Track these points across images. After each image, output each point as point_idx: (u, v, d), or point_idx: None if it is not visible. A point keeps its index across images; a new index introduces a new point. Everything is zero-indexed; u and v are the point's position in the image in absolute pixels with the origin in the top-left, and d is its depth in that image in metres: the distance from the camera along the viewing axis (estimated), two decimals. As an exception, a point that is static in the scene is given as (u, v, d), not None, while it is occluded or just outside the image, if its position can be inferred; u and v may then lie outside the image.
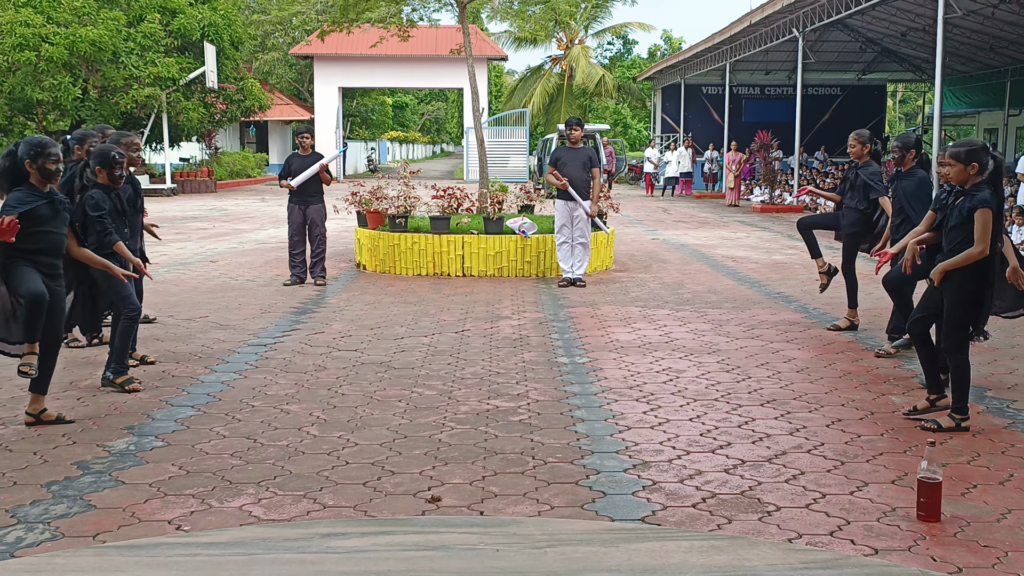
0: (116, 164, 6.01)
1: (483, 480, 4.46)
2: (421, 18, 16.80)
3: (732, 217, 21.47)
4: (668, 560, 1.81)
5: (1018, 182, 16.10)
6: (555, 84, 43.30)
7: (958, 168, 5.23)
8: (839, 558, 1.93)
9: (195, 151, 36.24)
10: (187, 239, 15.68)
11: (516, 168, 34.50)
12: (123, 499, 4.20)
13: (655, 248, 14.87)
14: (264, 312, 9.00)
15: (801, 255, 13.98)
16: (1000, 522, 3.99)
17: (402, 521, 2.18)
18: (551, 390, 6.14)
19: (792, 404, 5.83)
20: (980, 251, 5.06)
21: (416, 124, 76.90)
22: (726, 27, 25.60)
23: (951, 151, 5.30)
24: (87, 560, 1.83)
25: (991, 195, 5.13)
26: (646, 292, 10.37)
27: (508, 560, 1.80)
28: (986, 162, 5.18)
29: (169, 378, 6.42)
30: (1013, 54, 26.21)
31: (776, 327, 8.36)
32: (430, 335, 7.91)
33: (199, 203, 24.97)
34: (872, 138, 7.84)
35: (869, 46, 30.08)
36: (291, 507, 4.12)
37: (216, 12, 27.65)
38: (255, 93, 30.15)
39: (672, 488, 4.37)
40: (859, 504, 4.18)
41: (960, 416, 5.27)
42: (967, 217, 5.14)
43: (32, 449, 4.89)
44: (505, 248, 11.48)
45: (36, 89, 23.96)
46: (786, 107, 30.31)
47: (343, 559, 1.80)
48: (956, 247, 5.21)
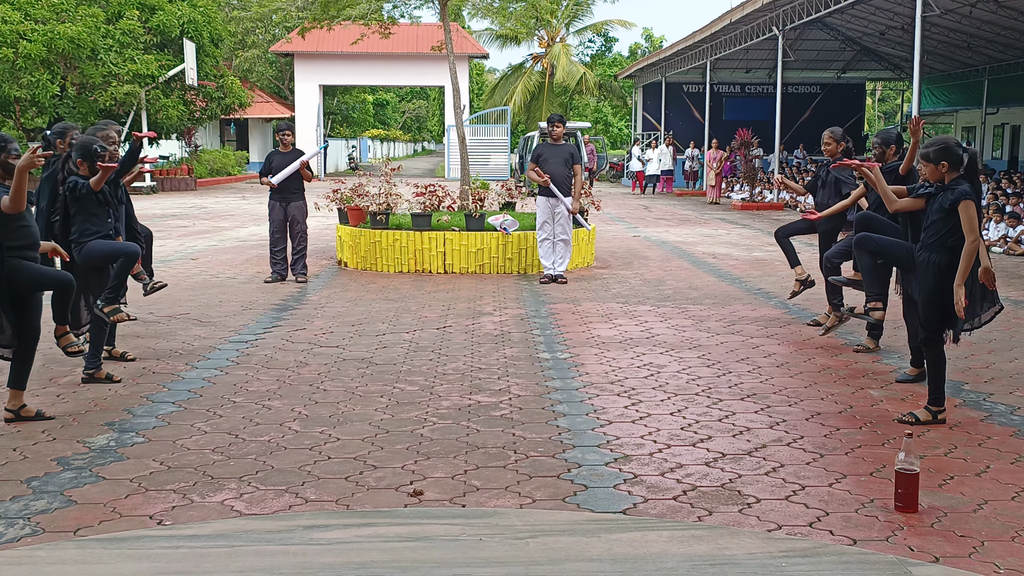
0: (98, 156, 5.99)
1: (465, 474, 4.47)
2: (402, 15, 16.76)
3: (713, 214, 21.56)
4: (649, 550, 1.83)
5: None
6: (536, 82, 43.33)
7: (930, 167, 5.32)
8: (817, 547, 1.96)
9: (175, 149, 36.02)
10: (167, 237, 15.59)
11: (497, 166, 34.52)
12: (104, 495, 4.19)
13: (636, 245, 14.92)
14: (245, 309, 8.97)
15: (782, 252, 14.05)
16: (976, 512, 4.03)
17: (384, 513, 2.19)
18: (533, 385, 6.16)
19: (772, 398, 5.87)
20: (973, 241, 5.12)
21: (397, 122, 76.67)
22: (706, 25, 25.69)
23: (921, 152, 5.39)
24: (69, 553, 1.83)
25: (970, 188, 5.20)
26: (627, 289, 10.40)
27: (490, 550, 1.82)
28: (959, 157, 5.25)
29: (150, 375, 6.40)
30: (991, 53, 26.44)
31: (756, 323, 8.41)
32: (411, 331, 7.91)
33: (179, 201, 24.83)
34: (845, 135, 7.90)
35: (848, 45, 30.29)
36: (273, 501, 4.12)
37: (196, 9, 27.49)
38: (235, 91, 30.01)
39: (653, 481, 4.40)
40: (838, 496, 4.22)
41: (936, 408, 5.32)
42: (948, 211, 5.20)
43: (12, 446, 4.86)
44: (487, 245, 11.49)
45: (13, 86, 23.76)
46: (766, 105, 30.48)
47: (325, 550, 1.81)
48: (937, 240, 5.26)
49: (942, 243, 5.24)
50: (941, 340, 5.36)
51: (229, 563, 1.75)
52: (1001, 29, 23.11)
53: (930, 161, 5.29)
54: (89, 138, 6.15)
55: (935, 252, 5.27)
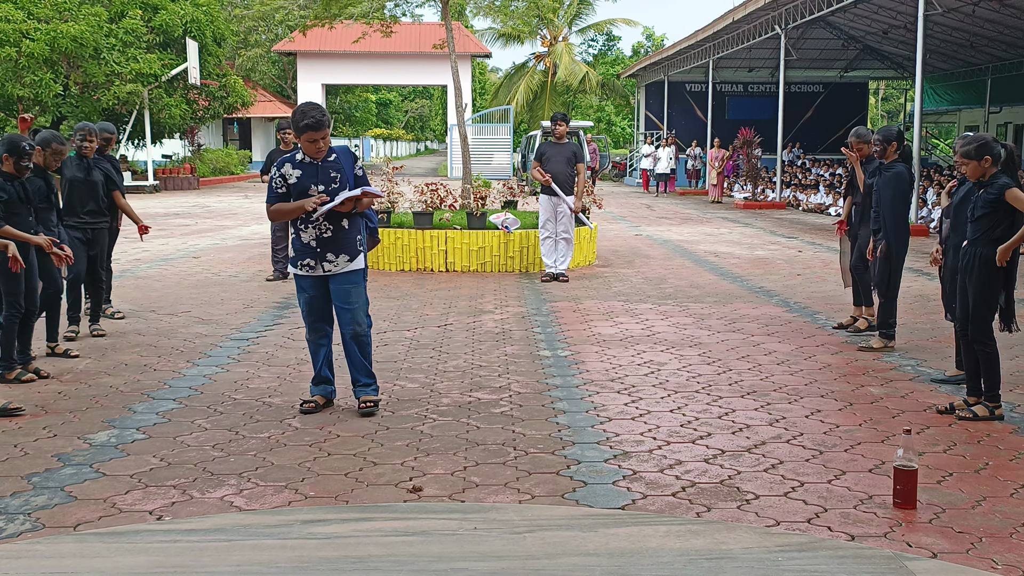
0: (24, 155, 6.01)
1: (464, 471, 4.48)
2: (404, 14, 16.76)
3: (715, 213, 21.55)
4: (646, 544, 1.83)
5: None
6: (539, 81, 43.33)
7: (972, 165, 5.38)
8: (814, 541, 1.96)
9: (178, 148, 36.06)
10: (169, 235, 15.62)
11: (500, 165, 34.52)
12: (104, 490, 4.20)
13: (638, 244, 14.91)
14: (247, 307, 8.98)
15: (783, 250, 14.07)
16: (975, 509, 4.04)
17: (383, 508, 2.20)
18: (533, 383, 6.16)
19: (772, 395, 5.87)
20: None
21: (400, 121, 76.71)
22: (709, 24, 25.67)
23: (962, 151, 5.44)
24: (68, 547, 1.84)
25: (1010, 180, 5.28)
26: (628, 287, 10.40)
27: (488, 544, 1.82)
28: (998, 152, 5.31)
29: (151, 372, 6.41)
30: (994, 51, 26.41)
31: (757, 321, 8.41)
32: (413, 329, 7.92)
33: (182, 200, 24.85)
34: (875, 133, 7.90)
35: (851, 44, 30.23)
36: (273, 497, 4.13)
37: (198, 8, 27.51)
38: (238, 90, 30.02)
39: (652, 477, 4.40)
40: (836, 492, 4.22)
41: (993, 404, 5.37)
42: (994, 205, 5.28)
43: (12, 442, 4.87)
44: (488, 243, 11.49)
45: (16, 85, 23.78)
46: (769, 104, 30.45)
47: (324, 544, 1.81)
48: (983, 235, 5.33)
49: (987, 237, 5.32)
50: (992, 336, 5.40)
51: (227, 557, 1.75)
52: (1004, 28, 23.09)
53: (972, 158, 5.36)
54: (20, 136, 6.14)
55: (980, 246, 5.35)
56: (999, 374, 5.42)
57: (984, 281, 5.34)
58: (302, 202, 5.20)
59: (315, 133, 5.13)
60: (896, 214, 6.95)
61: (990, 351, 5.38)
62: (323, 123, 5.16)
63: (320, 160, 5.27)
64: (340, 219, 5.30)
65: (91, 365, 6.60)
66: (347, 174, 5.32)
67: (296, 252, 5.37)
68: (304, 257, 5.33)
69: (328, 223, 5.27)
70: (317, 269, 5.34)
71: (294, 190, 5.25)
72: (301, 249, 5.33)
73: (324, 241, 5.29)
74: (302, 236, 5.32)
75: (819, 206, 21.96)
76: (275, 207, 5.32)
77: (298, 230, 5.33)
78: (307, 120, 5.10)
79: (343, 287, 5.37)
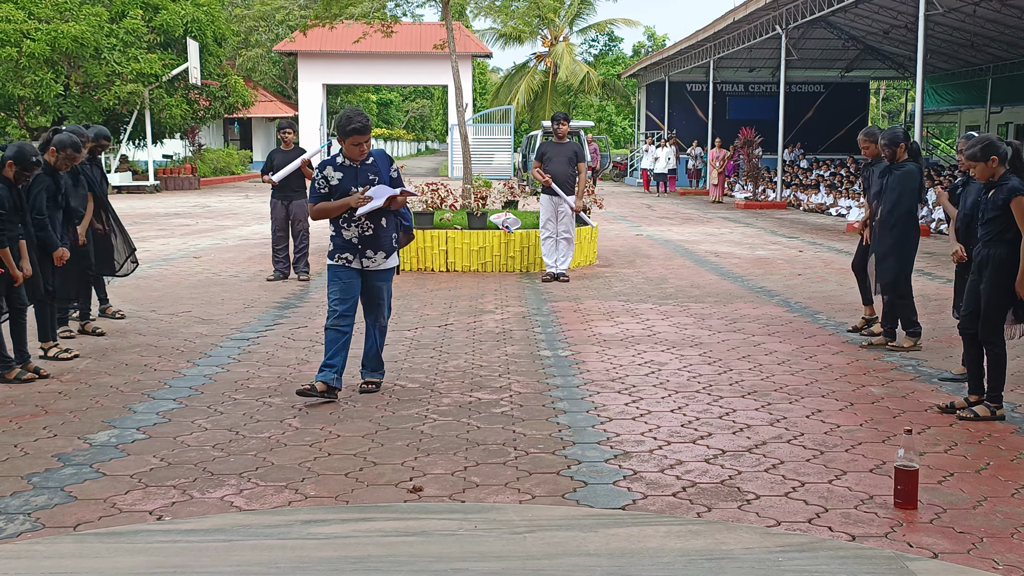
0: (29, 167, 6.00)
1: (465, 471, 4.48)
2: (404, 13, 16.77)
3: (716, 213, 21.55)
4: (646, 544, 1.83)
5: None
6: (540, 81, 43.32)
7: (980, 167, 5.39)
8: (815, 541, 1.95)
9: (178, 148, 36.07)
10: (170, 235, 15.62)
11: (501, 165, 34.50)
12: (104, 490, 4.20)
13: (639, 244, 14.91)
14: (247, 307, 8.98)
15: (784, 250, 14.07)
16: (976, 509, 4.03)
17: (382, 508, 2.20)
18: (533, 383, 6.16)
19: (773, 395, 5.87)
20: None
21: (401, 121, 76.72)
22: (710, 24, 25.66)
23: (968, 154, 5.45)
24: (67, 547, 1.83)
25: (1020, 182, 5.28)
26: (629, 287, 10.40)
27: (487, 545, 1.82)
28: (1004, 151, 5.32)
29: (151, 372, 6.41)
30: (995, 51, 26.40)
31: (758, 321, 8.41)
32: (413, 329, 7.92)
33: (182, 200, 24.86)
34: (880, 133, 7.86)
35: (852, 44, 30.23)
36: (273, 497, 4.12)
37: (199, 8, 27.50)
38: (238, 90, 30.02)
39: (653, 477, 4.40)
40: (837, 492, 4.22)
41: (995, 404, 5.38)
42: (1003, 208, 5.28)
43: (12, 442, 4.87)
44: (489, 243, 11.49)
45: (17, 85, 23.78)
46: (770, 104, 30.42)
47: (323, 544, 1.81)
48: (995, 236, 5.34)
49: (1000, 238, 5.33)
50: (1002, 336, 5.40)
51: (227, 557, 1.75)
52: (1005, 28, 23.08)
53: (979, 160, 5.36)
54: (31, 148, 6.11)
55: (993, 247, 5.36)
56: (1004, 375, 5.41)
57: (996, 282, 5.34)
58: (347, 199, 5.58)
59: (360, 137, 5.56)
60: (907, 211, 6.99)
61: (999, 351, 5.38)
62: (368, 127, 5.59)
63: (359, 163, 5.67)
64: (379, 218, 5.67)
65: (91, 365, 6.60)
66: (383, 176, 5.70)
67: (336, 247, 5.74)
68: (344, 252, 5.71)
69: (369, 221, 5.65)
70: (355, 263, 5.72)
71: (335, 191, 5.64)
72: (342, 245, 5.71)
73: (366, 239, 5.67)
74: (344, 233, 5.68)
75: (820, 206, 21.97)
76: (319, 206, 5.68)
77: (340, 228, 5.69)
78: (354, 124, 5.53)
79: (377, 283, 5.80)
